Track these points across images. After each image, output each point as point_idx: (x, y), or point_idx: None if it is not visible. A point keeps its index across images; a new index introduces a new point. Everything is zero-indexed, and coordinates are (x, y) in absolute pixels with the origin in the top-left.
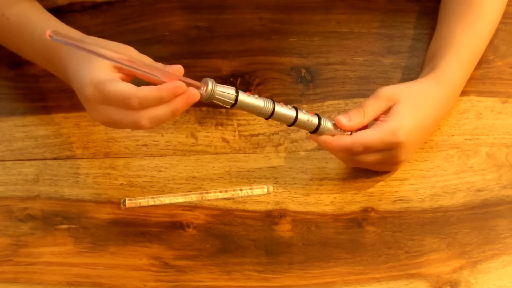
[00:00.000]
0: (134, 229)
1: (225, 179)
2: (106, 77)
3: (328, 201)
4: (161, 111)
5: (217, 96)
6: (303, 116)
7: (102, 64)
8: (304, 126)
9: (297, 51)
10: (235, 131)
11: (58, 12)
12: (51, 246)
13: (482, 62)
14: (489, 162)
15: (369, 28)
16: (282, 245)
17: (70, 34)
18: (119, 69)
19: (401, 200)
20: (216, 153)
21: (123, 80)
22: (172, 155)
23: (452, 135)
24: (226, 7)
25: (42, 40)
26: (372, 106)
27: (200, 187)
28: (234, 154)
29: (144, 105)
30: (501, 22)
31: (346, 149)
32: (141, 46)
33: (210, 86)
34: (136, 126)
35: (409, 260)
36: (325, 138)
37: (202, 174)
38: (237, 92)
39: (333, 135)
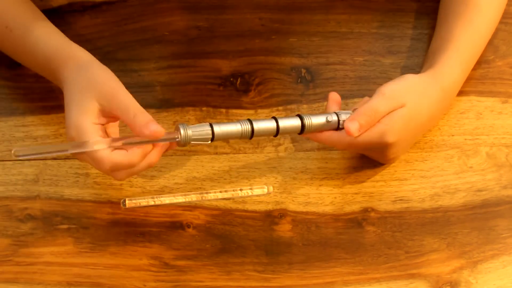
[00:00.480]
0: (134, 229)
1: (225, 179)
2: (88, 130)
3: (328, 201)
4: (135, 168)
5: (193, 138)
6: (285, 123)
7: (89, 109)
8: (289, 131)
9: (297, 51)
10: None
11: (58, 12)
12: (51, 246)
13: (482, 62)
14: (489, 162)
15: (369, 28)
16: (282, 245)
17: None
18: (104, 114)
19: (401, 200)
20: (216, 153)
21: (109, 122)
22: (172, 155)
23: (452, 135)
24: (226, 7)
25: (45, 55)
26: (383, 108)
27: (200, 187)
28: (234, 154)
29: (116, 169)
30: (501, 22)
31: (333, 145)
32: (141, 46)
33: (182, 132)
34: (112, 176)
35: (409, 260)
36: (312, 135)
37: (202, 174)
38: (211, 127)
39: (321, 130)
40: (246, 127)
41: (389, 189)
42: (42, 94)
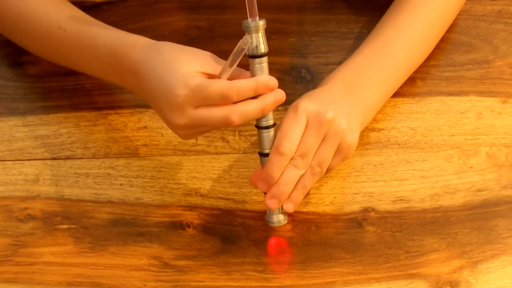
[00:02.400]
0: (134, 229)
1: (225, 179)
2: (201, 77)
3: (328, 201)
4: (251, 106)
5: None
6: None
7: (191, 64)
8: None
9: (297, 51)
10: (235, 131)
11: None
12: (51, 246)
13: (482, 62)
14: (489, 162)
15: (369, 28)
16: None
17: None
18: (204, 71)
19: (401, 200)
20: (216, 153)
21: None
22: (172, 155)
23: (452, 135)
24: (226, 7)
25: (107, 47)
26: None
27: (200, 187)
28: (234, 154)
29: (242, 95)
30: (501, 22)
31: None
32: None
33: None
34: (226, 122)
35: (409, 260)
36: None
37: (202, 174)
38: None
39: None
40: None
41: (389, 189)
42: (42, 94)
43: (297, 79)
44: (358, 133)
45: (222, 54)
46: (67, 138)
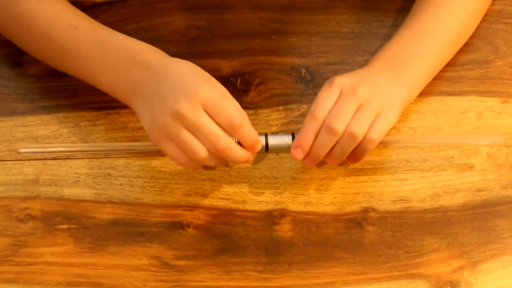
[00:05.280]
0: (134, 229)
1: (225, 179)
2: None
3: (328, 201)
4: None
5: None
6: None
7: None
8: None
9: (297, 51)
10: None
11: None
12: (51, 246)
13: (482, 62)
14: (489, 162)
15: (369, 28)
16: (282, 245)
17: None
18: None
19: (401, 200)
20: None
21: None
22: None
23: (452, 135)
24: (226, 7)
25: (121, 43)
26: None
27: (200, 187)
28: None
29: (228, 154)
30: (501, 22)
31: (311, 126)
32: None
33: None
34: (198, 152)
35: (409, 260)
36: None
37: (202, 174)
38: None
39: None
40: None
41: (389, 189)
42: (42, 94)
43: (297, 79)
44: (398, 106)
45: (222, 54)
46: (67, 138)
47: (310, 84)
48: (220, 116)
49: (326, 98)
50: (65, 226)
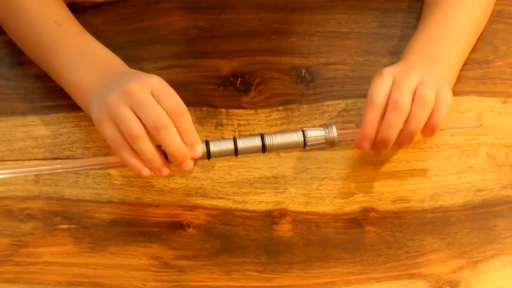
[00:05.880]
0: (134, 229)
1: (225, 179)
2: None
3: (328, 201)
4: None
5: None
6: (245, 142)
7: None
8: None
9: (297, 51)
10: (235, 131)
11: None
12: (51, 246)
13: (482, 62)
14: (489, 162)
15: (369, 28)
16: (282, 245)
17: None
18: None
19: (401, 200)
20: None
21: None
22: None
23: (452, 135)
24: (226, 7)
25: (101, 54)
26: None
27: (200, 187)
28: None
29: (167, 136)
30: (501, 22)
31: (372, 115)
32: (141, 46)
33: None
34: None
35: (409, 260)
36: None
37: (202, 174)
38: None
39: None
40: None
41: (389, 189)
42: (42, 94)
43: (297, 79)
44: (448, 85)
45: (222, 54)
46: (67, 138)
47: (310, 84)
48: (166, 101)
49: (381, 84)
50: (65, 226)
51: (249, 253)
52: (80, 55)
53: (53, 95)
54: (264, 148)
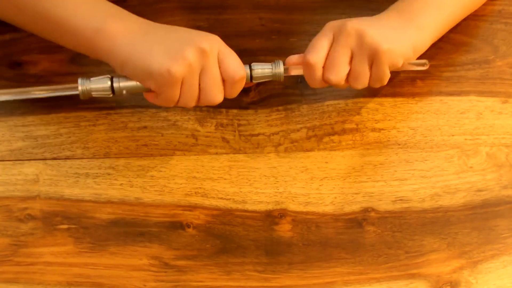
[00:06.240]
0: (134, 229)
1: (225, 179)
2: None
3: (328, 201)
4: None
5: (93, 90)
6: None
7: None
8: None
9: (298, 51)
10: (235, 131)
11: None
12: (51, 246)
13: (482, 62)
14: (489, 162)
15: None
16: (282, 245)
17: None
18: None
19: (401, 200)
20: (216, 153)
21: None
22: (172, 155)
23: (452, 135)
24: (226, 7)
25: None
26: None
27: (200, 187)
28: (234, 154)
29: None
30: (501, 22)
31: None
32: None
33: (80, 86)
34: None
35: (409, 260)
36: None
37: (202, 174)
38: (111, 81)
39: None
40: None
41: (389, 189)
42: None
43: (297, 79)
44: (399, 42)
45: None
46: (67, 138)
47: None
48: (228, 64)
49: (317, 41)
50: (65, 226)
51: (249, 253)
52: (94, 2)
53: None
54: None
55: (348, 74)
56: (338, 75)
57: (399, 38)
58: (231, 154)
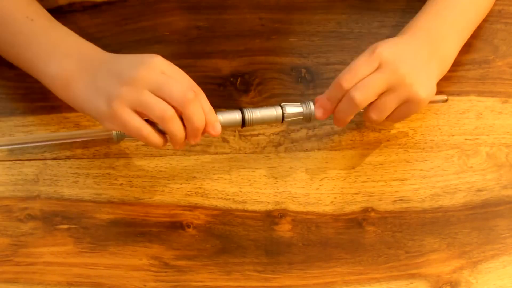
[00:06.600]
0: (134, 229)
1: (225, 179)
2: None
3: (328, 201)
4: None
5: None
6: (225, 116)
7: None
8: (230, 124)
9: (297, 51)
10: (235, 131)
11: (58, 12)
12: (51, 246)
13: (482, 62)
14: (489, 162)
15: (369, 28)
16: (282, 245)
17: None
18: None
19: (401, 200)
20: (216, 153)
21: None
22: (172, 155)
23: (452, 135)
24: (226, 7)
25: (78, 43)
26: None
27: (200, 187)
28: (234, 154)
29: (195, 109)
30: (501, 22)
31: (337, 88)
32: (141, 46)
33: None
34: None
35: (409, 260)
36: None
37: (202, 174)
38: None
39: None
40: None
41: (389, 189)
42: (42, 94)
43: (297, 79)
44: (431, 87)
45: (222, 54)
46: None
47: (310, 84)
48: (178, 79)
49: (361, 67)
50: (65, 226)
51: (249, 253)
52: (53, 46)
53: (53, 95)
54: (244, 123)
55: (372, 103)
56: (363, 96)
57: (429, 78)
58: (231, 154)
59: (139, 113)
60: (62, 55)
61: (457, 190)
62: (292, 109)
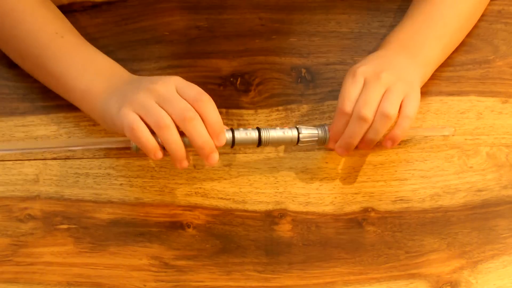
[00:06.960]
0: (134, 229)
1: (225, 179)
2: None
3: (328, 201)
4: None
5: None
6: (241, 134)
7: None
8: (246, 143)
9: (297, 51)
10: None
11: None
12: (51, 246)
13: (482, 62)
14: (490, 162)
15: (369, 28)
16: (282, 245)
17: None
18: None
19: (401, 200)
20: None
21: None
22: None
23: (452, 135)
24: (226, 7)
25: (106, 61)
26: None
27: (200, 187)
28: (234, 154)
29: (194, 127)
30: (501, 22)
31: (342, 114)
32: (141, 46)
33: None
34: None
35: (409, 260)
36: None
37: (202, 174)
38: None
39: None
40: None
41: (389, 189)
42: (42, 94)
43: (297, 79)
44: (417, 86)
45: (222, 54)
46: (67, 138)
47: (310, 84)
48: (189, 92)
49: (352, 90)
50: (65, 226)
51: (249, 253)
52: (85, 63)
53: (53, 95)
54: (260, 142)
55: (378, 110)
56: (369, 109)
57: (410, 74)
58: (231, 154)
59: (142, 119)
60: (94, 72)
61: (457, 190)
62: (308, 131)
